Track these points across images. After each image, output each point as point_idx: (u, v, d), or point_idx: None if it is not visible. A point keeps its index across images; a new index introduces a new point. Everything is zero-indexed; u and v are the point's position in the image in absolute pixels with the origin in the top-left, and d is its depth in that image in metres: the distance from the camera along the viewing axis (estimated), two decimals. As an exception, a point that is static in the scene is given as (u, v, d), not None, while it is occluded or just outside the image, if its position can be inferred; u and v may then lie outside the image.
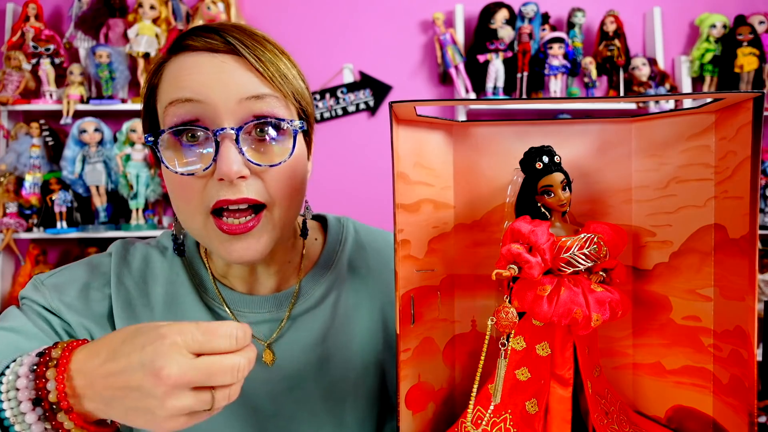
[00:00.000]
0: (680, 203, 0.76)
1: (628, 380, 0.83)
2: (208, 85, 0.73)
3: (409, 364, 0.76)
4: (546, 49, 2.73)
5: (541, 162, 0.71)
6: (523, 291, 0.72)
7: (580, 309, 0.68)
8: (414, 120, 0.76)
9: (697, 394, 0.76)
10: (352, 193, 2.89)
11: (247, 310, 0.87)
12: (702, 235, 0.75)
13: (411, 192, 0.76)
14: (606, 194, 0.81)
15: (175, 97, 0.73)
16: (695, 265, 0.76)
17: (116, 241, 0.92)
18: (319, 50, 2.97)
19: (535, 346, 0.73)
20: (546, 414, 0.72)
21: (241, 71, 0.74)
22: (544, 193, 0.71)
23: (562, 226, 0.73)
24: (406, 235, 0.75)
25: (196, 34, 0.76)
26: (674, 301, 0.78)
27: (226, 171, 0.71)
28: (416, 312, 0.78)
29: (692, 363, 0.77)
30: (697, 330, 0.76)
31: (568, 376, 0.72)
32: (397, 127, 0.73)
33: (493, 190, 0.81)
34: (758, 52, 2.71)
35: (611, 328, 0.82)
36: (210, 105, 0.72)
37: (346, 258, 0.95)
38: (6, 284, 2.78)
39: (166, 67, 0.77)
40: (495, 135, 0.81)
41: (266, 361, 0.85)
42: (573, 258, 0.70)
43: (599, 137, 0.81)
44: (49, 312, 0.82)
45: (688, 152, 0.76)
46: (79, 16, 2.77)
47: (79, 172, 2.65)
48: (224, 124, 0.72)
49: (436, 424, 0.81)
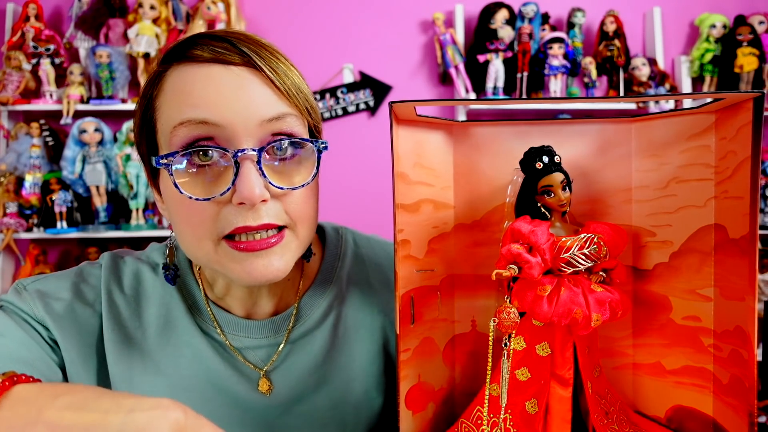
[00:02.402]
0: (680, 203, 0.76)
1: (628, 380, 0.83)
2: (226, 104, 0.66)
3: (409, 364, 0.76)
4: (546, 49, 2.73)
5: (541, 162, 0.71)
6: (523, 291, 0.72)
7: (580, 309, 0.68)
8: (414, 120, 0.76)
9: (697, 394, 0.76)
10: (352, 194, 2.89)
11: (243, 335, 0.82)
12: (702, 235, 0.75)
13: (411, 192, 0.76)
14: (606, 194, 0.81)
15: (186, 117, 0.66)
16: (695, 265, 0.75)
17: (104, 253, 0.86)
18: (319, 50, 2.97)
19: (535, 347, 0.73)
20: (546, 414, 0.72)
21: (258, 87, 0.68)
22: (544, 193, 0.71)
23: (562, 226, 0.73)
24: (406, 235, 0.75)
25: (202, 42, 0.69)
26: (674, 301, 0.78)
27: (248, 195, 0.65)
28: (416, 312, 0.77)
29: (692, 363, 0.77)
30: (697, 330, 0.76)
31: (568, 376, 0.72)
32: (397, 127, 0.72)
33: (494, 190, 0.81)
34: (758, 52, 2.71)
35: (611, 328, 0.82)
36: (228, 127, 0.66)
37: (346, 274, 0.90)
38: (6, 284, 2.77)
39: (167, 77, 0.70)
40: (495, 135, 0.81)
41: (262, 390, 0.81)
42: (573, 258, 0.70)
43: (599, 137, 0.80)
44: (35, 321, 0.76)
45: (688, 152, 0.75)
46: (79, 16, 2.77)
47: (79, 172, 2.65)
48: (243, 145, 0.67)
49: (436, 424, 0.81)
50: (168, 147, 0.68)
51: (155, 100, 0.71)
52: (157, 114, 0.70)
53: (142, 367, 0.79)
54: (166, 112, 0.69)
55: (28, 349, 0.72)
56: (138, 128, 0.74)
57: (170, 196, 0.70)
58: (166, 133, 0.68)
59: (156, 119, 0.71)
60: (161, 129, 0.70)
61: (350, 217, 2.08)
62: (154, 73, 0.72)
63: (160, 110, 0.70)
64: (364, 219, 2.27)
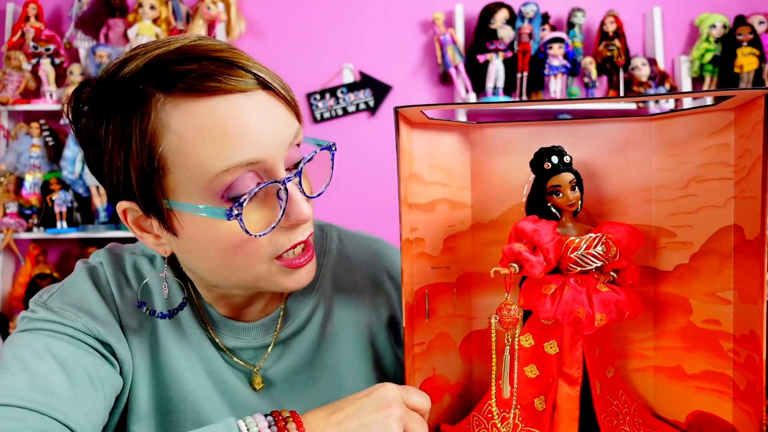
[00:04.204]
0: (700, 203, 0.75)
1: (650, 383, 0.82)
2: (263, 137, 0.65)
3: (423, 357, 0.78)
4: (546, 49, 2.73)
5: (550, 162, 0.72)
6: (530, 289, 0.73)
7: (582, 308, 0.69)
8: (428, 123, 0.78)
9: (717, 400, 0.74)
10: (352, 194, 2.88)
11: (233, 335, 0.82)
12: (722, 236, 0.73)
13: (425, 192, 0.78)
14: (625, 194, 0.80)
15: (232, 163, 0.63)
16: (715, 266, 0.74)
17: (98, 251, 0.85)
18: (319, 50, 2.97)
19: (543, 344, 0.73)
20: (553, 411, 0.73)
21: (276, 107, 0.68)
22: (553, 192, 0.72)
23: (574, 225, 0.73)
24: (420, 233, 0.77)
25: (209, 72, 0.63)
26: (694, 303, 0.76)
27: (304, 218, 0.68)
28: (431, 307, 0.79)
29: (712, 368, 0.75)
30: (717, 334, 0.74)
31: (577, 375, 0.72)
32: (410, 130, 0.74)
33: (511, 189, 0.81)
34: (758, 52, 2.72)
35: (631, 330, 0.81)
36: (268, 159, 0.66)
37: (330, 272, 0.91)
38: (6, 284, 2.77)
39: (172, 111, 0.63)
40: (512, 136, 0.82)
41: (256, 387, 0.82)
42: (580, 258, 0.71)
43: (618, 136, 0.79)
44: (87, 335, 0.74)
45: (708, 151, 0.74)
46: (79, 16, 2.77)
47: (79, 172, 2.65)
48: (281, 170, 0.67)
49: (452, 415, 0.83)
50: (202, 192, 0.65)
51: (157, 137, 0.64)
52: (168, 153, 0.64)
53: (154, 356, 0.80)
54: (194, 156, 0.63)
55: (95, 366, 0.72)
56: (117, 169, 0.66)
57: (204, 236, 0.68)
58: (200, 179, 0.64)
59: (165, 158, 0.64)
60: (186, 174, 0.64)
61: (350, 216, 2.08)
62: (140, 105, 0.63)
63: (174, 150, 0.64)
64: (364, 219, 2.27)
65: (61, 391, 0.66)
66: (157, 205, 0.66)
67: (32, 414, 0.62)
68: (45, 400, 0.64)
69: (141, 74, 0.64)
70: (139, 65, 0.65)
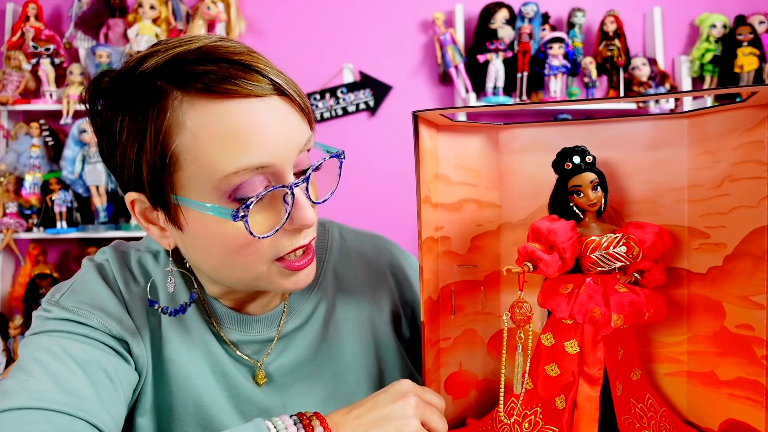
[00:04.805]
0: (734, 203, 0.72)
1: (682, 389, 0.80)
2: (275, 143, 0.66)
3: (449, 352, 0.80)
4: (546, 49, 2.74)
5: (571, 162, 0.72)
6: (548, 289, 0.73)
7: (598, 308, 0.69)
8: (453, 125, 0.79)
9: (751, 408, 0.71)
10: (352, 194, 2.88)
11: (236, 328, 0.83)
12: (755, 237, 0.69)
13: (452, 192, 0.80)
14: (658, 194, 0.78)
15: (242, 166, 0.64)
16: (748, 269, 0.71)
17: (103, 248, 0.85)
18: (319, 50, 2.97)
19: (563, 344, 0.74)
20: (573, 411, 0.73)
21: (289, 114, 0.68)
22: (574, 192, 0.72)
23: (597, 225, 0.74)
24: (445, 232, 0.79)
25: (228, 75, 0.64)
26: (728, 307, 0.74)
27: (308, 223, 0.69)
28: (457, 305, 0.81)
29: (745, 375, 0.72)
30: (750, 339, 0.71)
31: (598, 376, 0.72)
32: (435, 132, 0.77)
33: (539, 189, 0.81)
34: (758, 52, 2.72)
35: (662, 333, 0.80)
36: (277, 164, 0.66)
37: (332, 268, 0.92)
38: (6, 284, 2.77)
39: (189, 110, 0.64)
40: (542, 136, 0.82)
41: (259, 382, 0.83)
42: (601, 257, 0.71)
43: (650, 135, 0.78)
44: (103, 333, 0.74)
45: (741, 149, 0.71)
46: (79, 16, 2.76)
47: (79, 172, 2.64)
48: (289, 175, 0.68)
49: (478, 410, 0.85)
50: (210, 191, 0.65)
51: (171, 133, 0.64)
52: (181, 150, 0.65)
53: (158, 350, 0.80)
54: (206, 156, 0.64)
55: (113, 365, 0.73)
56: (129, 161, 0.67)
57: (208, 233, 0.68)
58: (210, 179, 0.65)
59: (177, 154, 0.65)
60: (196, 172, 0.65)
61: (350, 216, 2.08)
62: (156, 102, 0.65)
63: (187, 148, 0.65)
64: (363, 219, 2.27)
65: (84, 392, 0.67)
66: (165, 199, 0.67)
67: (60, 416, 0.63)
68: (71, 402, 0.65)
69: (160, 70, 0.65)
70: (159, 62, 0.66)
